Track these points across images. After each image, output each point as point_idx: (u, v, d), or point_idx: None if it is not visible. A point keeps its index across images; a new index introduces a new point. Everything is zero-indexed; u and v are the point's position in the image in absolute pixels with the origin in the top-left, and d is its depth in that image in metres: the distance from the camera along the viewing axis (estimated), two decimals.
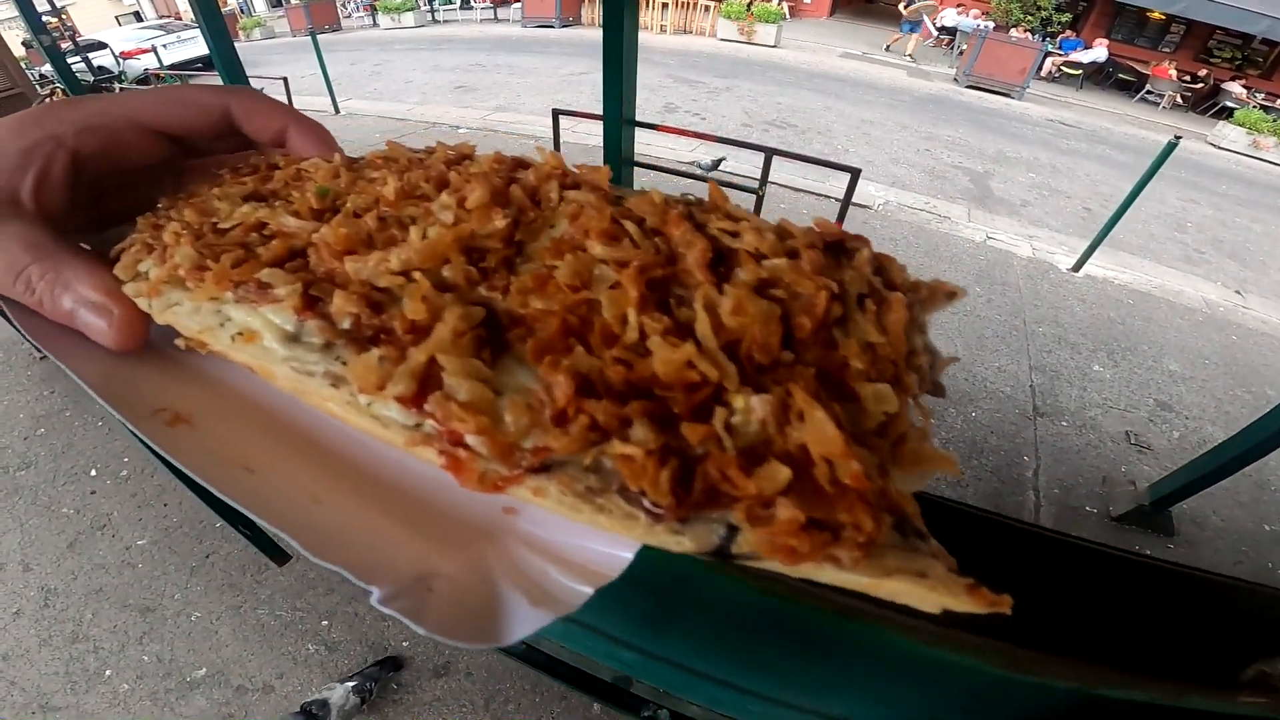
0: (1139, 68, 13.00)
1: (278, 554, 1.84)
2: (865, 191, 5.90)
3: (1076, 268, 5.08)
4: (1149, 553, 2.74)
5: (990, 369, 3.78)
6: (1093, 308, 4.64)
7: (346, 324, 0.21)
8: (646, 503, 0.17)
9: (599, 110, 2.46)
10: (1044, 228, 5.90)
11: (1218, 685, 0.21)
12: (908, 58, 12.47)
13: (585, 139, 6.44)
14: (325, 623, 2.35)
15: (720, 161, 5.42)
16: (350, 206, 0.25)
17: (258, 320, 0.22)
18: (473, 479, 0.19)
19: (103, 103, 0.32)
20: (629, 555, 0.21)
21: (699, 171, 4.51)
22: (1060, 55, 12.96)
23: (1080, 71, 12.74)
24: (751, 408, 0.17)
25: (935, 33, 13.16)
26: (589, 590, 0.21)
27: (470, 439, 0.18)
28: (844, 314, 0.20)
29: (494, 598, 0.21)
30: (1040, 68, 11.31)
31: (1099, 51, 12.93)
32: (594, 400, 0.17)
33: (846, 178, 2.74)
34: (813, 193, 5.65)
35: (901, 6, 13.07)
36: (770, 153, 2.57)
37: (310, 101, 8.39)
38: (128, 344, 0.28)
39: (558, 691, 2.18)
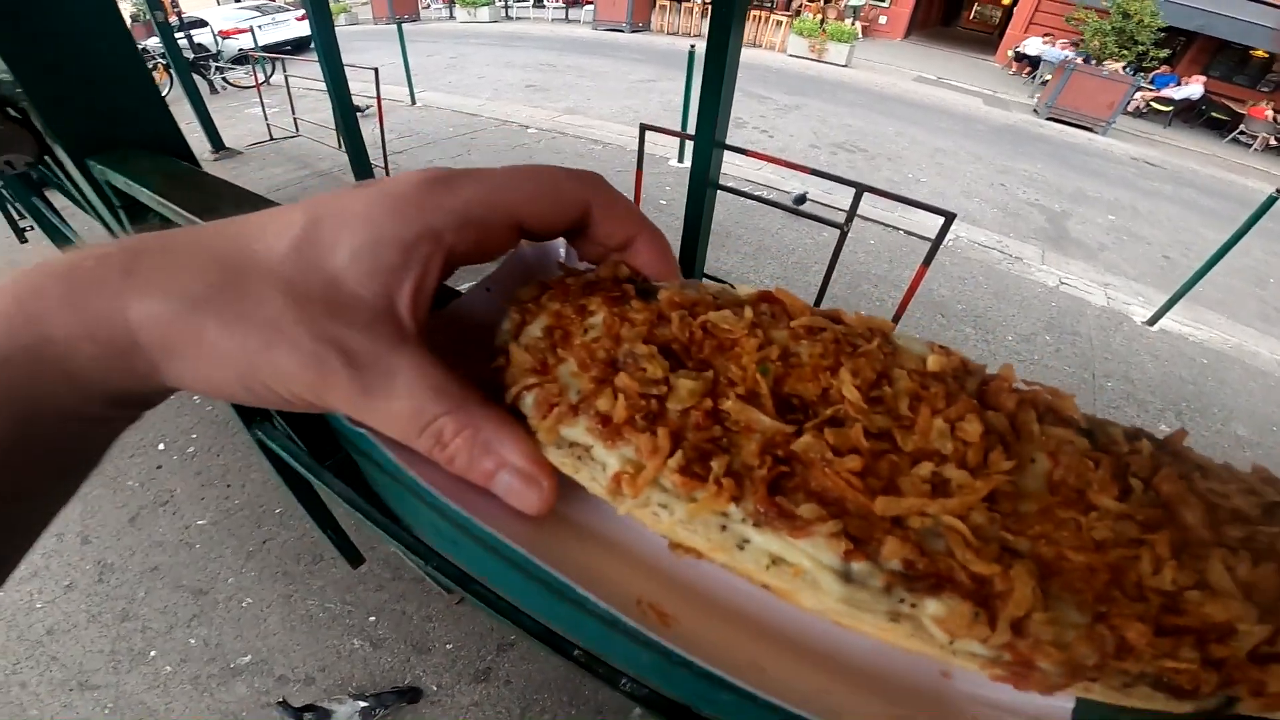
0: (1234, 106, 12.36)
1: (355, 557, 1.88)
2: (935, 226, 5.70)
3: (1153, 321, 4.85)
4: None
5: None
6: (1165, 365, 4.45)
7: (896, 565, 0.22)
8: (1189, 690, 0.22)
9: (668, 119, 2.47)
10: (1120, 275, 5.65)
11: None
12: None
13: (651, 149, 6.46)
14: (372, 619, 2.38)
15: (804, 197, 5.38)
16: (827, 413, 0.25)
17: (798, 555, 0.23)
18: (1039, 687, 0.22)
19: (483, 190, 0.27)
20: (1070, 705, 0.25)
21: (787, 203, 4.46)
22: (1151, 90, 12.41)
23: (1170, 108, 12.17)
24: (1255, 633, 0.22)
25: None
26: None
27: (1044, 665, 0.22)
28: None
29: None
30: (1128, 102, 10.84)
31: (1194, 88, 12.35)
32: (1159, 638, 0.21)
33: (929, 216, 2.67)
34: (881, 222, 5.53)
35: (1079, 60, 12.33)
36: (861, 189, 2.50)
37: (390, 91, 8.58)
38: (546, 512, 0.27)
39: (594, 705, 2.17)
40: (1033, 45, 13.88)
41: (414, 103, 8.91)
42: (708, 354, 0.27)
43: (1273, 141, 11.79)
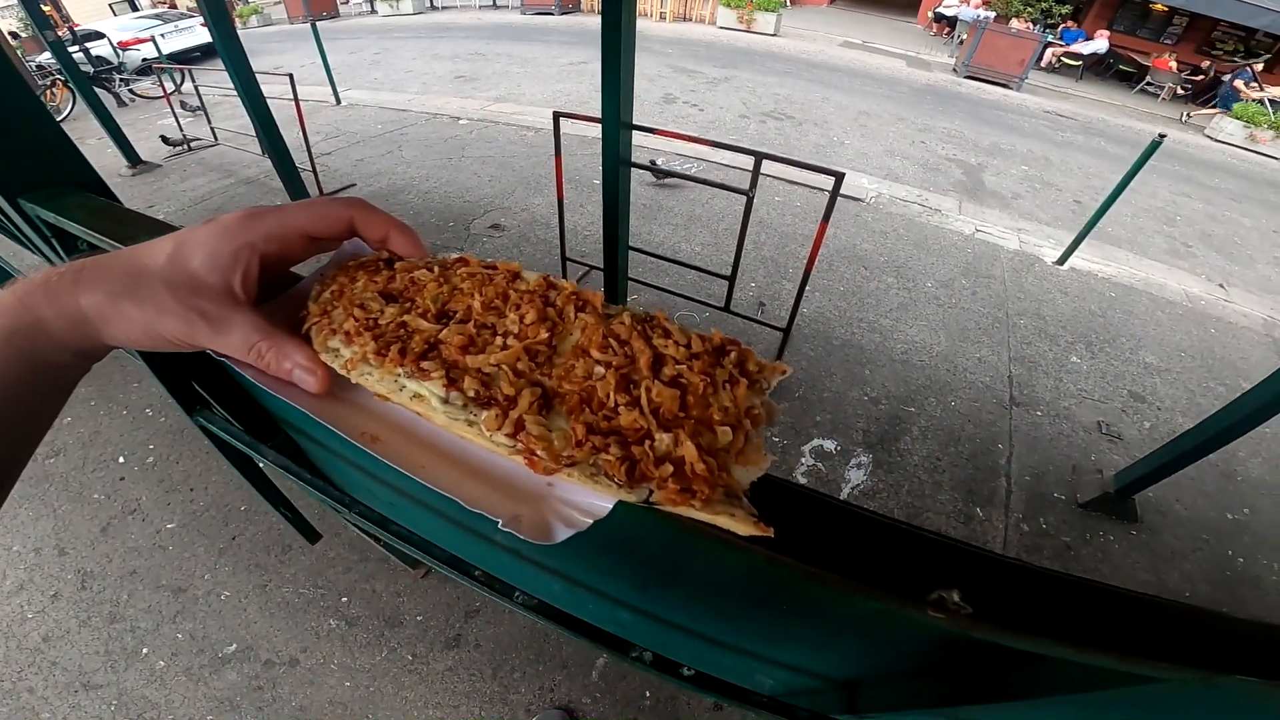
0: (1140, 59, 13.04)
1: (310, 534, 1.99)
2: (858, 185, 6.06)
3: (1061, 261, 5.19)
4: (1111, 538, 2.92)
5: (971, 360, 3.92)
6: (1075, 300, 4.75)
7: (472, 393, 0.38)
8: (616, 480, 0.34)
9: (597, 102, 2.55)
10: (1033, 221, 6.00)
11: (916, 602, 0.36)
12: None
13: (584, 131, 6.54)
14: (345, 599, 2.51)
15: (654, 163, 5.53)
16: (459, 315, 0.43)
17: (424, 390, 0.39)
18: (538, 468, 0.36)
19: (278, 217, 0.43)
20: (609, 505, 0.37)
21: (686, 172, 4.62)
22: (1061, 46, 12.97)
23: (1080, 62, 12.76)
24: (662, 440, 0.35)
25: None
26: (590, 520, 0.37)
27: (539, 451, 0.36)
28: (715, 390, 0.38)
29: (549, 524, 0.37)
30: (1040, 59, 11.33)
31: (1100, 43, 12.94)
32: (596, 436, 0.35)
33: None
34: (805, 185, 5.76)
35: (1243, 84, 11.40)
36: (760, 157, 2.69)
37: (311, 91, 8.35)
38: (324, 391, 0.43)
39: (559, 661, 2.33)
40: (950, 6, 14.31)
41: (339, 102, 8.68)
42: (412, 294, 0.45)
43: (1180, 91, 12.46)
